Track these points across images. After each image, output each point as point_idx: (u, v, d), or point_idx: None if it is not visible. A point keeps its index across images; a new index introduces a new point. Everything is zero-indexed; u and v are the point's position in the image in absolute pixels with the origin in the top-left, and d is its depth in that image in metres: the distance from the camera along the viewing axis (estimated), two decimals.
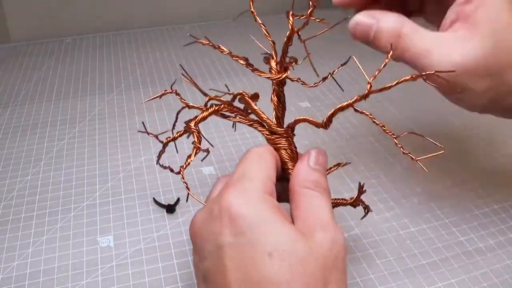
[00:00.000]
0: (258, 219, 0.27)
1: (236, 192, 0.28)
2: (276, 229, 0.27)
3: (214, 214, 0.28)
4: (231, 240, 0.26)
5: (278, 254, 0.26)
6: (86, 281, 0.38)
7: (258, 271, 0.25)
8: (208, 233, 0.28)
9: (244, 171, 0.29)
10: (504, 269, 0.39)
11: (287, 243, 0.26)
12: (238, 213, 0.27)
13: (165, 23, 0.96)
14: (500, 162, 0.52)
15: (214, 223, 0.28)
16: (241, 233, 0.26)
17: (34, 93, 0.68)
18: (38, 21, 0.95)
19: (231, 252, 0.26)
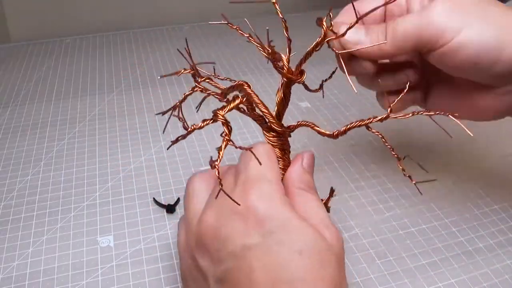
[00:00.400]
0: (284, 220, 0.27)
1: (259, 193, 0.28)
2: (301, 229, 0.27)
3: (235, 217, 0.28)
4: (258, 241, 0.27)
5: (307, 252, 0.26)
6: (86, 281, 0.38)
7: (288, 270, 0.26)
8: (229, 235, 0.28)
9: (260, 171, 0.29)
10: (504, 269, 0.39)
11: (313, 241, 0.27)
12: (265, 215, 0.27)
13: (165, 23, 0.96)
14: (500, 162, 0.52)
15: (237, 224, 0.27)
16: (270, 233, 0.27)
17: (34, 93, 0.68)
18: (38, 21, 0.95)
19: (258, 253, 0.26)
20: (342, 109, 0.63)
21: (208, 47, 0.83)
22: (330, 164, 0.51)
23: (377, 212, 0.45)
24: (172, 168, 0.51)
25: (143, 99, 0.65)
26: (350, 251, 0.40)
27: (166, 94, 0.67)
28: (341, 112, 0.62)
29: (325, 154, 0.53)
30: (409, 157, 0.32)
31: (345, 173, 0.50)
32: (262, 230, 0.27)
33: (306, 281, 0.25)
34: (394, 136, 0.56)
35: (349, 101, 0.64)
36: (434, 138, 0.56)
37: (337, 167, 0.51)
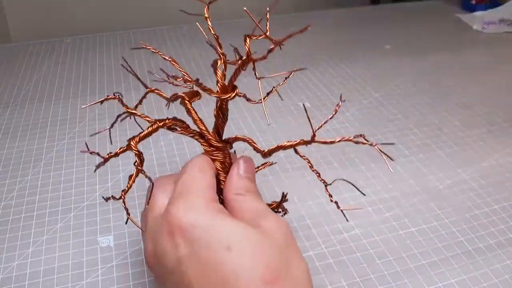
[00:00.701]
0: (208, 222, 0.28)
1: (179, 206, 0.29)
2: (227, 225, 0.28)
3: (164, 236, 0.28)
4: (187, 250, 0.27)
5: (235, 245, 0.27)
6: (86, 281, 0.38)
7: (220, 268, 0.26)
8: (163, 254, 0.28)
9: (183, 185, 0.30)
10: (504, 269, 0.39)
11: (241, 233, 0.27)
12: (187, 223, 0.28)
13: (165, 23, 0.96)
14: (500, 162, 0.52)
15: (166, 242, 0.28)
16: (196, 239, 0.27)
17: (34, 93, 0.68)
18: (38, 21, 0.95)
19: (190, 261, 0.27)
20: (342, 109, 0.63)
21: (208, 47, 0.83)
22: (330, 164, 0.51)
23: (377, 212, 0.45)
24: (172, 168, 0.51)
25: (143, 101, 0.65)
26: (350, 251, 0.40)
27: (166, 94, 0.67)
28: (341, 112, 0.62)
29: (325, 154, 0.53)
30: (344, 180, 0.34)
31: (345, 173, 0.50)
32: (189, 239, 0.27)
33: (238, 274, 0.26)
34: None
35: (349, 101, 0.65)
36: (434, 138, 0.57)
37: (337, 167, 0.51)
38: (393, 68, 0.75)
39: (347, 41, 0.86)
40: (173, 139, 0.56)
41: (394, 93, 0.67)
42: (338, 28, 0.94)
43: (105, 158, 0.31)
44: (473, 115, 0.61)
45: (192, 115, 0.32)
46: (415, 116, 0.61)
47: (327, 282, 0.38)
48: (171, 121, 0.32)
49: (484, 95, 0.66)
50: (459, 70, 0.74)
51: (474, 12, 1.01)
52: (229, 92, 0.31)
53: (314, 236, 0.42)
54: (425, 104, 0.64)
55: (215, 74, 0.31)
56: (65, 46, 0.85)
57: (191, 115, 0.33)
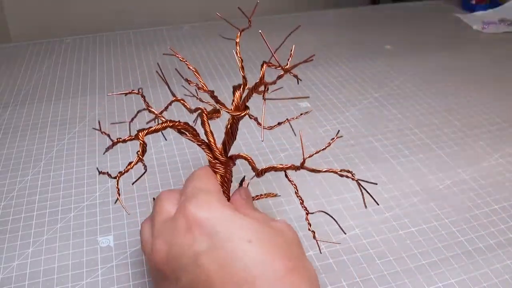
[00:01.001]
0: (226, 217, 0.29)
1: (197, 203, 0.30)
2: (245, 220, 0.29)
3: (181, 233, 0.29)
4: (207, 244, 0.28)
5: (256, 238, 0.28)
6: (86, 281, 0.38)
7: (241, 260, 0.27)
8: (180, 252, 0.28)
9: (196, 187, 0.32)
10: (504, 269, 0.39)
11: (259, 228, 0.29)
12: (206, 218, 0.28)
13: (165, 23, 0.96)
14: (500, 162, 0.52)
15: (184, 238, 0.28)
16: (215, 233, 0.28)
17: (34, 93, 0.68)
18: (38, 21, 0.95)
19: (210, 255, 0.27)
20: (342, 109, 0.63)
21: (208, 47, 0.83)
22: (330, 164, 0.51)
23: (377, 212, 0.45)
24: (172, 168, 0.51)
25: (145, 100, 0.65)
26: (350, 251, 0.40)
27: (166, 94, 0.67)
28: (341, 112, 0.62)
29: (325, 154, 0.53)
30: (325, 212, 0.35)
31: None
32: (208, 233, 0.28)
33: (263, 262, 0.26)
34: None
35: (349, 101, 0.65)
36: (434, 138, 0.57)
37: (337, 167, 0.51)
38: (393, 68, 0.75)
39: (347, 41, 0.86)
40: (173, 139, 0.56)
41: (394, 93, 0.67)
42: (338, 28, 0.94)
43: (114, 142, 0.33)
44: (473, 115, 0.61)
45: (205, 127, 0.34)
46: (415, 116, 0.61)
47: (327, 282, 0.38)
48: (182, 125, 0.34)
49: (484, 95, 0.67)
50: (459, 70, 0.74)
51: (474, 12, 1.01)
52: (241, 110, 0.33)
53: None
54: (425, 104, 0.64)
55: (233, 94, 0.33)
56: (65, 46, 0.85)
57: (204, 126, 0.35)
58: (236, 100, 0.33)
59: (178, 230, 0.29)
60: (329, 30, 0.92)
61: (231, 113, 0.33)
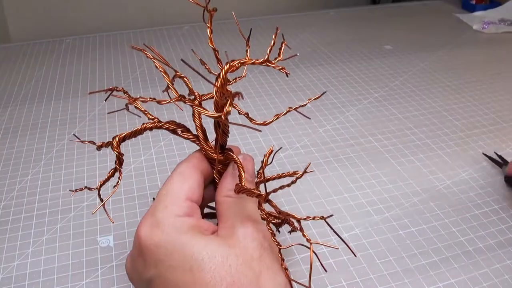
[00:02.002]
0: (172, 243, 0.27)
1: (148, 224, 0.28)
2: (190, 246, 0.27)
3: (135, 253, 0.28)
4: (154, 272, 0.27)
5: (196, 266, 0.26)
6: (86, 281, 0.38)
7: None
8: (136, 273, 0.28)
9: (160, 198, 0.30)
10: (504, 269, 0.39)
11: (202, 253, 0.26)
12: (151, 244, 0.27)
13: (165, 23, 0.96)
14: None
15: (138, 262, 0.28)
16: (161, 261, 0.27)
17: (34, 93, 0.68)
18: (38, 21, 0.95)
19: (158, 283, 0.27)
20: (342, 109, 0.63)
21: (208, 47, 0.83)
22: (330, 164, 0.51)
23: (377, 212, 0.45)
24: (172, 168, 0.51)
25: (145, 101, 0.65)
26: (350, 251, 0.40)
27: (166, 93, 0.67)
28: (341, 112, 0.62)
29: (325, 154, 0.53)
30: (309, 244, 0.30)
31: (345, 173, 0.50)
32: (155, 260, 0.27)
33: None
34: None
35: (349, 101, 0.65)
36: (434, 138, 0.57)
37: (337, 167, 0.51)
38: (393, 68, 0.75)
39: (347, 41, 0.86)
40: (173, 139, 0.56)
41: (394, 93, 0.67)
42: (338, 28, 0.94)
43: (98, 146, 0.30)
44: (473, 115, 0.61)
45: (196, 121, 0.33)
46: (415, 116, 0.61)
47: (327, 282, 0.38)
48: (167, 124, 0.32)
49: (484, 95, 0.66)
50: (459, 70, 0.74)
51: (474, 12, 1.01)
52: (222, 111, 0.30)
53: (314, 236, 0.42)
54: (425, 104, 0.64)
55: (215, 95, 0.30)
56: (65, 46, 0.85)
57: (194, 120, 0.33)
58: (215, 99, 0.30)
59: (137, 252, 0.28)
60: (329, 30, 0.92)
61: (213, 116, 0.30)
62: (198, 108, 0.30)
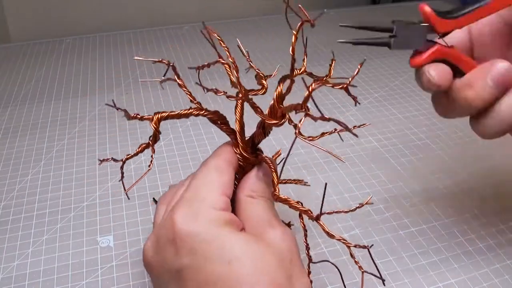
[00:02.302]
0: (210, 235, 0.27)
1: (185, 213, 0.28)
2: (229, 240, 0.27)
3: (165, 240, 0.28)
4: (188, 261, 0.26)
5: (236, 260, 0.26)
6: (86, 281, 0.38)
7: (221, 282, 0.25)
8: (164, 260, 0.28)
9: (197, 188, 0.29)
10: (504, 269, 0.39)
11: (243, 248, 0.27)
12: (188, 233, 0.27)
13: (165, 23, 0.96)
14: (500, 162, 0.52)
15: (168, 249, 0.28)
16: (196, 251, 0.26)
17: (34, 93, 0.68)
18: (38, 21, 0.95)
19: (190, 273, 0.26)
20: (342, 109, 0.63)
21: (208, 47, 0.83)
22: (330, 164, 0.51)
23: (377, 212, 0.45)
24: (172, 168, 0.51)
25: (143, 99, 0.65)
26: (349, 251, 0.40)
27: (166, 94, 0.67)
28: (341, 112, 0.62)
29: (325, 154, 0.53)
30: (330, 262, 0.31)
31: (345, 173, 0.50)
32: (189, 250, 0.27)
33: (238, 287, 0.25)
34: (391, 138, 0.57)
35: (349, 101, 0.64)
36: (434, 139, 0.56)
37: (337, 167, 0.51)
38: (393, 68, 0.75)
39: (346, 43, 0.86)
40: (173, 139, 0.56)
41: (394, 93, 0.67)
42: (338, 28, 0.94)
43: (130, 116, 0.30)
44: None
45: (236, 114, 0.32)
46: (415, 116, 0.61)
47: (327, 282, 0.38)
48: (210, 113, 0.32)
49: None
50: None
51: None
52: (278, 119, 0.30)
53: (314, 236, 0.42)
54: (425, 104, 0.64)
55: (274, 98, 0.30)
56: (65, 46, 0.85)
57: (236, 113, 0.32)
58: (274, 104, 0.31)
59: (162, 236, 0.28)
60: (329, 30, 0.92)
61: (267, 120, 0.30)
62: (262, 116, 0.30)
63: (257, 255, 0.26)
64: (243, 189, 0.31)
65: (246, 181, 0.31)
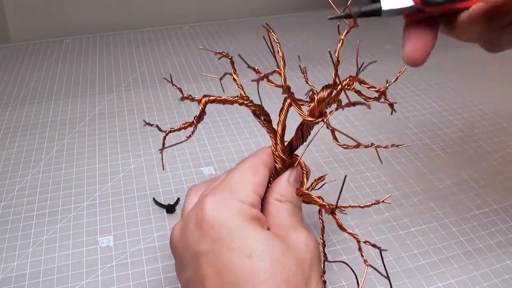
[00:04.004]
0: (236, 225, 0.27)
1: (215, 200, 0.29)
2: (253, 234, 0.27)
3: (192, 223, 0.29)
4: (209, 247, 0.27)
5: (256, 254, 0.26)
6: (86, 281, 0.38)
7: (237, 273, 0.26)
8: (187, 242, 0.28)
9: (230, 181, 0.30)
10: (504, 269, 0.39)
11: (264, 244, 0.27)
12: (215, 220, 0.28)
13: (165, 23, 0.96)
14: (499, 162, 0.52)
15: (193, 232, 0.28)
16: (219, 239, 0.27)
17: (34, 93, 0.68)
18: (38, 21, 0.95)
19: (209, 259, 0.27)
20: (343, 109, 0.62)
21: (208, 47, 0.83)
22: (330, 164, 0.51)
23: (377, 212, 0.45)
24: (172, 168, 0.51)
25: (143, 99, 0.65)
26: (350, 251, 0.40)
27: (166, 94, 0.67)
28: (341, 112, 0.62)
29: (325, 154, 0.53)
30: None
31: (345, 173, 0.50)
32: (213, 236, 0.27)
33: (254, 283, 0.25)
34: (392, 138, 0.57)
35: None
36: (435, 138, 0.57)
37: (337, 167, 0.51)
38: (393, 68, 0.75)
39: (347, 41, 0.86)
40: (173, 139, 0.56)
41: (394, 93, 0.67)
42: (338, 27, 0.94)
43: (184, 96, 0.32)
44: (473, 115, 0.61)
45: (281, 115, 0.33)
46: (415, 116, 0.61)
47: (327, 282, 0.37)
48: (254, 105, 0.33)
49: (484, 94, 0.66)
50: (459, 70, 0.74)
51: None
52: (316, 117, 0.31)
53: (315, 236, 0.42)
54: (425, 104, 0.64)
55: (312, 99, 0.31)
56: (65, 46, 0.85)
57: (280, 114, 0.33)
58: (314, 104, 0.31)
59: (190, 220, 0.29)
60: (329, 30, 0.92)
61: (303, 117, 0.31)
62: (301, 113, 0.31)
63: (277, 253, 0.27)
64: (272, 192, 0.32)
65: (277, 185, 0.32)
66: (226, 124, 0.58)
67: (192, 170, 0.51)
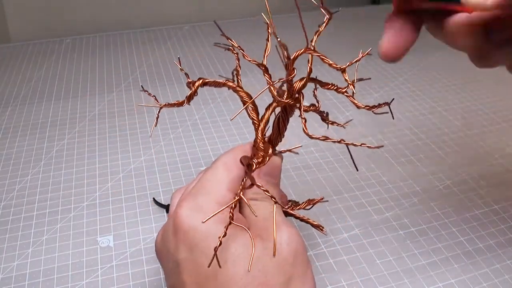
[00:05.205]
0: (210, 229, 0.27)
1: (189, 207, 0.28)
2: (229, 238, 0.26)
3: (170, 231, 0.28)
4: (187, 255, 0.27)
5: (232, 259, 0.26)
6: (86, 281, 0.38)
7: (215, 281, 0.26)
8: (167, 251, 0.28)
9: (203, 184, 0.30)
10: (504, 269, 0.39)
11: (240, 248, 0.26)
12: (190, 227, 0.27)
13: (165, 23, 0.96)
14: (499, 162, 0.52)
15: (171, 241, 0.28)
16: (195, 245, 0.27)
17: (34, 93, 0.68)
18: (38, 21, 0.95)
19: (187, 267, 0.27)
20: (342, 109, 0.63)
21: (208, 47, 0.83)
22: (330, 164, 0.51)
23: (377, 212, 0.45)
24: (172, 168, 0.51)
25: (143, 99, 0.65)
26: (350, 251, 0.40)
27: (166, 94, 0.67)
28: (341, 112, 0.62)
29: (325, 154, 0.53)
30: None
31: (345, 173, 0.50)
32: (190, 243, 0.27)
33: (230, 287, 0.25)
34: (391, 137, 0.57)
35: (349, 101, 0.64)
36: (435, 138, 0.57)
37: (337, 167, 0.51)
38: (393, 68, 0.75)
39: (347, 41, 0.86)
40: (173, 139, 0.56)
41: (394, 93, 0.67)
42: (338, 28, 0.94)
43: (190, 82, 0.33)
44: (473, 115, 0.61)
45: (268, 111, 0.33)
46: (415, 116, 0.61)
47: (327, 282, 0.38)
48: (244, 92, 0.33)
49: (485, 94, 0.66)
50: (459, 70, 0.74)
51: None
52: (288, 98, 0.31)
53: (314, 236, 0.42)
54: (425, 104, 0.64)
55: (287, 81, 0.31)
56: (65, 46, 0.85)
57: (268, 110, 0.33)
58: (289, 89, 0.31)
59: (169, 228, 0.29)
60: (329, 30, 0.92)
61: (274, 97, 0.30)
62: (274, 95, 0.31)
63: (255, 255, 0.26)
64: (248, 190, 0.30)
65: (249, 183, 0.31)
66: (226, 124, 0.58)
67: (192, 170, 0.51)
